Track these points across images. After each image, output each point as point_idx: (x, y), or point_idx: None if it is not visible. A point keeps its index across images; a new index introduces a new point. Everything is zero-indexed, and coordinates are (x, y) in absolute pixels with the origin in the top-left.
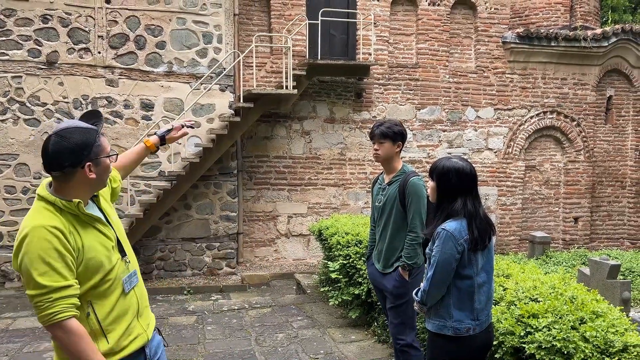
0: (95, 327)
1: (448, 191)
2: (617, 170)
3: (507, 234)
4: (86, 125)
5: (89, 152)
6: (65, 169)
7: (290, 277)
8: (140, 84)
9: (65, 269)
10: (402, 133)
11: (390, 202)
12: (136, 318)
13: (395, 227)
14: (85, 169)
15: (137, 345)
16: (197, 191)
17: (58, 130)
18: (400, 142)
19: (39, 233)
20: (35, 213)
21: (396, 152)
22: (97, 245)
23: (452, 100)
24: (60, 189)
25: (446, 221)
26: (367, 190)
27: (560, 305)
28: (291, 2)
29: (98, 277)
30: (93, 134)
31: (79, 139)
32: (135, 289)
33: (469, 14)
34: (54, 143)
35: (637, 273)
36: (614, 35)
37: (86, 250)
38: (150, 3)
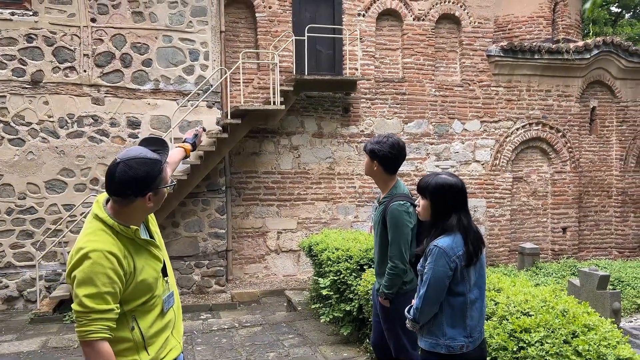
0: (138, 339)
1: (443, 208)
2: (603, 180)
3: (496, 245)
4: (152, 155)
5: (151, 183)
6: (127, 197)
7: (281, 294)
8: (126, 101)
9: (111, 294)
10: (376, 153)
11: (377, 224)
12: (172, 332)
13: (381, 251)
14: (146, 198)
15: (172, 357)
16: (185, 208)
17: (126, 159)
18: (376, 162)
19: (96, 257)
20: (95, 235)
21: (375, 170)
22: (148, 269)
23: (439, 114)
24: (117, 211)
25: (439, 237)
26: (357, 204)
27: (552, 319)
28: (277, 19)
29: (145, 298)
30: (158, 166)
31: (144, 170)
32: (173, 307)
33: (453, 29)
34: (120, 171)
35: (626, 282)
36: (596, 48)
37: (137, 273)
38: (136, 21)
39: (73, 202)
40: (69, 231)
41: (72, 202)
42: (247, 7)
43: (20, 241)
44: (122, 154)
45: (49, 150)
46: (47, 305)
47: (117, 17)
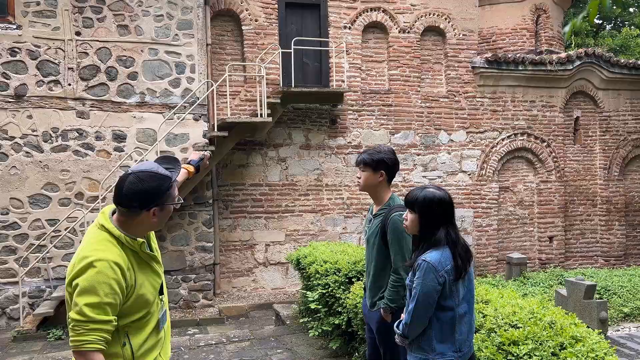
0: (128, 356)
1: (431, 222)
2: (588, 189)
3: (484, 255)
4: (164, 172)
5: (158, 198)
6: (133, 208)
7: (269, 308)
8: (112, 115)
9: (111, 306)
10: (385, 161)
11: (373, 236)
12: (160, 352)
13: (378, 264)
14: (151, 212)
15: None
16: (172, 222)
17: (137, 171)
18: (384, 172)
19: (101, 266)
20: (100, 244)
21: (379, 181)
22: (148, 284)
23: (425, 125)
24: (122, 221)
25: (427, 252)
26: (345, 215)
27: (540, 331)
28: (264, 32)
29: (141, 314)
30: (167, 182)
31: (153, 184)
32: (164, 328)
33: (438, 41)
34: (129, 182)
35: (612, 291)
36: (578, 59)
37: (138, 287)
38: (121, 34)
39: (57, 217)
40: (53, 247)
41: (57, 217)
42: (233, 20)
43: (2, 257)
44: (135, 167)
45: (32, 165)
46: (31, 323)
47: (102, 30)
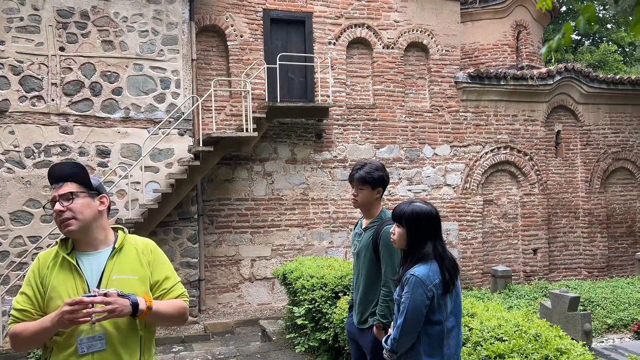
0: None
1: (419, 236)
2: (570, 202)
3: (469, 268)
4: None
5: None
6: None
7: (255, 324)
8: (96, 130)
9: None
10: (383, 179)
11: (364, 250)
12: None
13: (369, 277)
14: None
15: None
16: (156, 238)
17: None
18: (381, 188)
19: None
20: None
21: (376, 197)
22: (62, 291)
23: (410, 139)
24: None
25: (415, 266)
26: (331, 229)
27: (525, 344)
28: (249, 47)
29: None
30: None
31: None
32: (95, 355)
33: (421, 56)
34: None
35: (596, 303)
36: (558, 74)
37: (50, 290)
38: (106, 50)
39: (39, 233)
40: None
41: (38, 234)
42: (218, 36)
43: None
44: None
45: (14, 181)
46: None
47: (86, 45)
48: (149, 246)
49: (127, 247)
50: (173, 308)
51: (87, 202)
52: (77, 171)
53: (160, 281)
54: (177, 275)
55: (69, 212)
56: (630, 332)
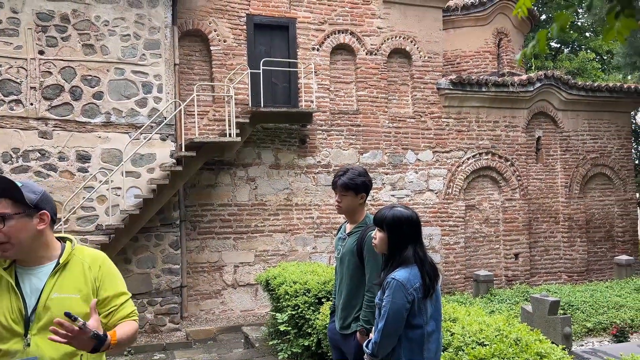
0: None
1: (400, 240)
2: (551, 207)
3: (452, 273)
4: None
5: None
6: None
7: (238, 330)
8: (76, 135)
9: None
10: (366, 184)
11: (347, 254)
12: None
13: (352, 282)
14: None
15: None
16: (137, 244)
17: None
18: (364, 194)
19: None
20: None
21: (360, 203)
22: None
23: (393, 144)
24: None
25: (395, 270)
26: (315, 234)
27: (506, 348)
28: (232, 52)
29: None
30: None
31: None
32: None
33: (404, 63)
34: None
35: (575, 307)
36: (538, 81)
37: None
38: (86, 54)
39: None
40: None
41: None
42: (201, 41)
43: None
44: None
45: None
46: None
47: (66, 49)
48: (97, 261)
49: (73, 262)
50: (128, 336)
51: (22, 224)
52: (7, 187)
53: (110, 297)
54: (127, 292)
55: (1, 235)
56: (609, 335)
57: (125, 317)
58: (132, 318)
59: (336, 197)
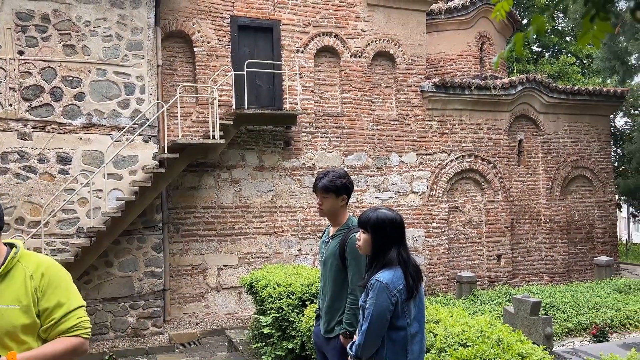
0: None
1: (383, 242)
2: (532, 209)
3: (435, 274)
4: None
5: None
6: None
7: (222, 334)
8: (56, 136)
9: None
10: (347, 186)
11: (330, 258)
12: None
13: (336, 286)
14: None
15: None
16: (120, 247)
17: None
18: (345, 196)
19: None
20: None
21: (341, 205)
22: None
23: (377, 147)
24: None
25: (379, 272)
26: (300, 237)
27: (488, 349)
28: (216, 53)
29: None
30: None
31: None
32: None
33: (388, 65)
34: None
35: (556, 307)
36: (520, 84)
37: None
38: (67, 54)
39: None
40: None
41: None
42: (185, 42)
43: None
44: None
45: None
46: None
47: (47, 49)
48: (40, 269)
49: (16, 271)
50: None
51: None
52: None
53: (49, 309)
54: (75, 302)
55: None
56: (589, 335)
57: (64, 333)
58: (73, 333)
59: (317, 199)
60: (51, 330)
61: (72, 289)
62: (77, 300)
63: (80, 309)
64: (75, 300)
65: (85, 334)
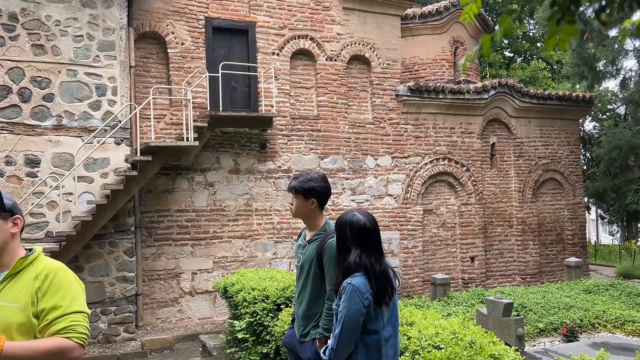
0: None
1: (343, 245)
2: (505, 211)
3: (410, 276)
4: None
5: None
6: None
7: (196, 339)
8: (25, 138)
9: None
10: (315, 189)
11: (307, 262)
12: None
13: (312, 291)
14: None
15: None
16: (90, 251)
17: None
18: (314, 199)
19: None
20: None
21: (311, 209)
22: None
23: (353, 150)
24: None
25: (353, 275)
26: (275, 240)
27: (461, 351)
28: (190, 55)
29: None
30: None
31: None
32: None
33: (364, 69)
34: None
35: (528, 308)
36: (493, 89)
37: None
38: (36, 54)
39: None
40: None
41: None
42: (158, 43)
43: None
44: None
45: None
46: None
47: (14, 49)
48: (45, 271)
49: (26, 272)
50: (38, 351)
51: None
52: None
53: (47, 310)
54: (74, 307)
55: None
56: (560, 335)
57: (56, 334)
58: (64, 335)
59: (290, 199)
60: (45, 331)
61: (74, 295)
62: (76, 306)
63: (77, 314)
64: (75, 305)
65: (77, 338)
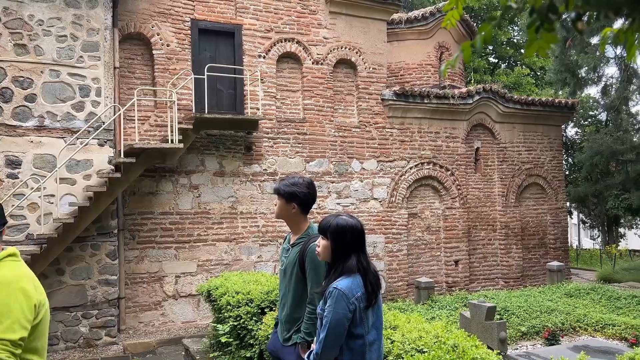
0: None
1: (343, 249)
2: (488, 215)
3: (395, 279)
4: None
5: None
6: None
7: (179, 343)
8: (5, 139)
9: None
10: (297, 195)
11: (290, 266)
12: None
13: (295, 295)
14: None
15: None
16: (72, 254)
17: None
18: (295, 204)
19: None
20: None
21: (293, 212)
22: None
23: (339, 153)
24: None
25: (337, 279)
26: (260, 243)
27: (444, 355)
28: (176, 57)
29: None
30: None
31: None
32: None
33: (350, 73)
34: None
35: (511, 312)
36: (477, 94)
37: None
38: (18, 54)
39: None
40: None
41: None
42: (143, 44)
43: None
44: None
45: None
46: None
47: None
48: None
49: None
50: None
51: None
52: None
53: None
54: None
55: None
56: (542, 338)
57: None
58: None
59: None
60: None
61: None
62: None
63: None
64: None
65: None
